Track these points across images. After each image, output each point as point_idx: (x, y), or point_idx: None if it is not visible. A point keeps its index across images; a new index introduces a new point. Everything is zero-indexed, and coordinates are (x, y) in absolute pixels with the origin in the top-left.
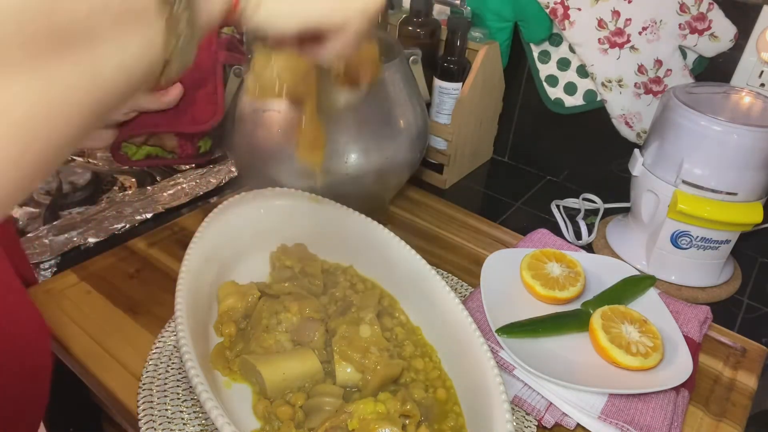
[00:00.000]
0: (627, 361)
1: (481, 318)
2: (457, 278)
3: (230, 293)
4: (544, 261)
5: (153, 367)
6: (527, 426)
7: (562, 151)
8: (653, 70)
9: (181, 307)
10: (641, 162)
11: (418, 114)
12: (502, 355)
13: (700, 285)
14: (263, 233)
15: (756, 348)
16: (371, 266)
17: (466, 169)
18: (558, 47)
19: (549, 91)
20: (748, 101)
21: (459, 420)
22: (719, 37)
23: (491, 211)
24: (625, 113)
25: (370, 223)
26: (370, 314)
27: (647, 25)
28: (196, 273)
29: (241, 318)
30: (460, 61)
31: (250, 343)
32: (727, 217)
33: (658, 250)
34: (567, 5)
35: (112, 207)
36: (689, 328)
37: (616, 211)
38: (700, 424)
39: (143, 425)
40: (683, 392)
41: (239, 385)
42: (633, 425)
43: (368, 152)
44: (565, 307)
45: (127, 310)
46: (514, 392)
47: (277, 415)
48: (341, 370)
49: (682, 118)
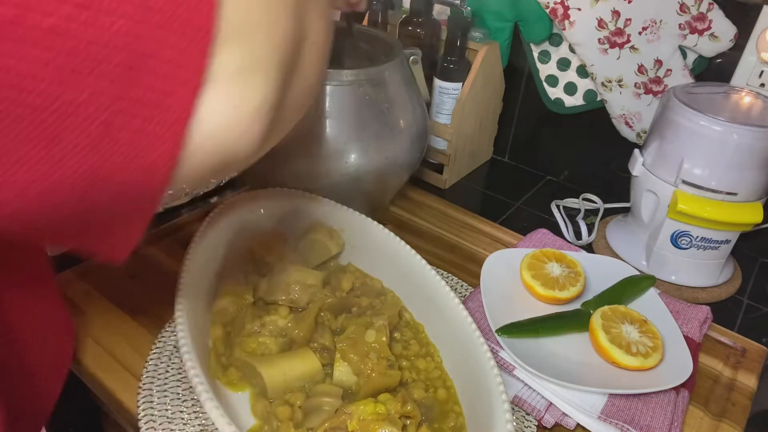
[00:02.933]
0: (627, 361)
1: (481, 318)
2: (457, 278)
3: (227, 293)
4: (544, 261)
5: (153, 367)
6: (527, 426)
7: (562, 151)
8: (653, 70)
9: (181, 307)
10: (641, 162)
11: (418, 114)
12: (502, 355)
13: (700, 285)
14: (263, 233)
15: (756, 348)
16: (371, 266)
17: (466, 169)
18: (558, 47)
19: (549, 91)
20: (748, 101)
21: (459, 420)
22: (719, 37)
23: (491, 211)
24: (625, 113)
25: (370, 223)
26: (380, 321)
27: (647, 25)
28: (196, 273)
29: (230, 321)
30: (460, 61)
31: (235, 350)
32: (727, 217)
33: (658, 250)
34: (567, 5)
35: None
36: (689, 328)
37: (616, 211)
38: (700, 424)
39: (143, 425)
40: (683, 392)
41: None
42: (633, 425)
43: (368, 152)
44: (565, 307)
45: (127, 310)
46: (514, 392)
47: (276, 415)
48: (338, 369)
49: (682, 118)
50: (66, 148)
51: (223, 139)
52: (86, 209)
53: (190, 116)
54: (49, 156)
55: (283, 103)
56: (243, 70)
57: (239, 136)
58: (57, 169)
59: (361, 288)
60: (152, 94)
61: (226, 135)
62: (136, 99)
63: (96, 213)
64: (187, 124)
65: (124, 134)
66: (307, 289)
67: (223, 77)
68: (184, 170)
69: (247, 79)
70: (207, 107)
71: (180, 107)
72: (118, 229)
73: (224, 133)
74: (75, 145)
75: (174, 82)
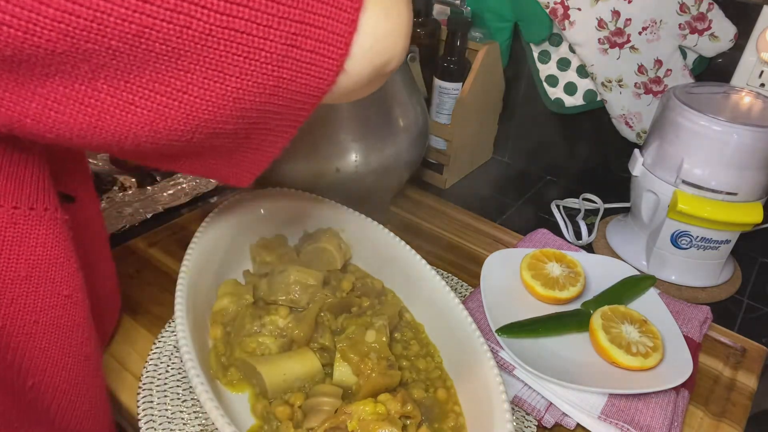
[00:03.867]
0: (627, 361)
1: (481, 318)
2: (457, 278)
3: (227, 293)
4: (544, 261)
5: (153, 367)
6: (527, 426)
7: (562, 151)
8: (653, 70)
9: (181, 307)
10: (641, 162)
11: (419, 114)
12: (502, 355)
13: (700, 285)
14: (263, 233)
15: (756, 348)
16: (371, 266)
17: (466, 169)
18: (558, 47)
19: (549, 91)
20: (748, 101)
21: (459, 420)
22: (719, 37)
23: (491, 211)
24: (625, 113)
25: (370, 223)
26: (380, 321)
27: (647, 25)
28: (196, 273)
29: (230, 321)
30: (460, 61)
31: (235, 350)
32: (727, 217)
33: (658, 250)
34: (567, 5)
35: (112, 207)
36: (689, 328)
37: (616, 211)
38: (700, 424)
39: (143, 425)
40: (683, 392)
41: (239, 384)
42: (633, 425)
43: (368, 152)
44: (565, 307)
45: (127, 310)
46: (514, 392)
47: (276, 415)
48: (338, 369)
49: (682, 118)
50: (265, 57)
51: (384, 45)
52: (262, 117)
53: (353, 33)
54: (251, 64)
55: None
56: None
57: (393, 44)
58: (254, 76)
59: (362, 288)
60: (323, 18)
61: (385, 41)
62: (312, 23)
63: (267, 120)
64: (351, 38)
65: (305, 48)
66: (307, 289)
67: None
68: (347, 77)
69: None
70: (370, 23)
71: (345, 28)
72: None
73: (384, 39)
74: (272, 54)
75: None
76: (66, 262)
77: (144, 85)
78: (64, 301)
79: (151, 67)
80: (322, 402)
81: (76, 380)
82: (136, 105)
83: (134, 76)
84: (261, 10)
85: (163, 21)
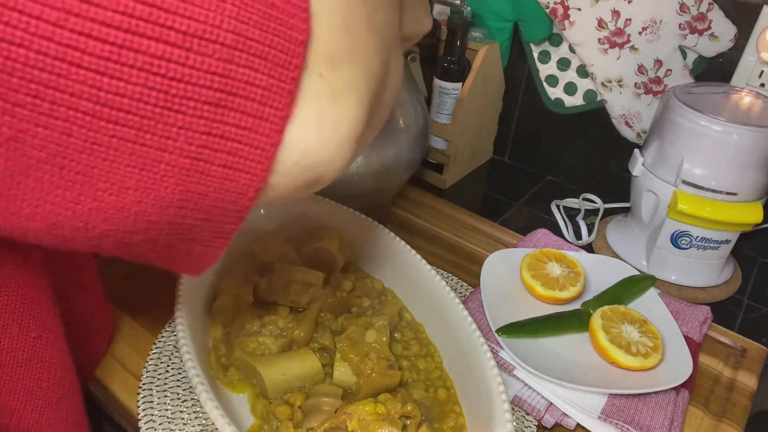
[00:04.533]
0: (627, 361)
1: (481, 318)
2: (457, 278)
3: (227, 293)
4: (544, 261)
5: (153, 367)
6: (527, 426)
7: (562, 151)
8: (653, 70)
9: (181, 307)
10: (641, 162)
11: (419, 114)
12: (502, 355)
13: (700, 285)
14: (263, 233)
15: (756, 348)
16: (371, 266)
17: (466, 169)
18: (558, 47)
19: (549, 91)
20: (748, 101)
21: (459, 420)
22: (719, 37)
23: (491, 211)
24: (625, 113)
25: (370, 223)
26: (380, 321)
27: (647, 25)
28: None
29: (230, 321)
30: (460, 61)
31: (235, 350)
32: (727, 217)
33: (658, 250)
34: (567, 5)
35: None
36: (689, 328)
37: (616, 211)
38: (700, 424)
39: (143, 425)
40: (683, 392)
41: (239, 384)
42: (633, 425)
43: (368, 152)
44: (565, 307)
45: (127, 310)
46: (514, 392)
47: (276, 415)
48: (338, 369)
49: (682, 118)
50: (164, 170)
51: (314, 161)
52: (176, 229)
53: (277, 146)
54: (148, 177)
55: (365, 132)
56: (339, 93)
57: (328, 159)
58: (154, 191)
59: (362, 288)
60: (238, 130)
61: (317, 157)
62: (222, 135)
63: (184, 233)
64: (274, 154)
65: (215, 163)
66: (307, 289)
67: (319, 100)
68: (272, 191)
69: (343, 100)
70: (298, 135)
71: (266, 141)
72: (200, 248)
73: (315, 155)
74: (173, 167)
75: (259, 118)
76: (37, 303)
77: (29, 192)
78: (33, 342)
79: (33, 176)
80: (322, 402)
81: (48, 422)
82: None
83: (16, 182)
84: (155, 119)
85: (38, 126)
